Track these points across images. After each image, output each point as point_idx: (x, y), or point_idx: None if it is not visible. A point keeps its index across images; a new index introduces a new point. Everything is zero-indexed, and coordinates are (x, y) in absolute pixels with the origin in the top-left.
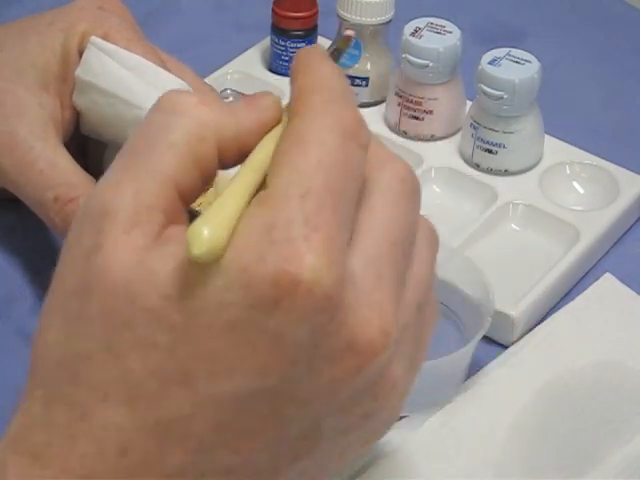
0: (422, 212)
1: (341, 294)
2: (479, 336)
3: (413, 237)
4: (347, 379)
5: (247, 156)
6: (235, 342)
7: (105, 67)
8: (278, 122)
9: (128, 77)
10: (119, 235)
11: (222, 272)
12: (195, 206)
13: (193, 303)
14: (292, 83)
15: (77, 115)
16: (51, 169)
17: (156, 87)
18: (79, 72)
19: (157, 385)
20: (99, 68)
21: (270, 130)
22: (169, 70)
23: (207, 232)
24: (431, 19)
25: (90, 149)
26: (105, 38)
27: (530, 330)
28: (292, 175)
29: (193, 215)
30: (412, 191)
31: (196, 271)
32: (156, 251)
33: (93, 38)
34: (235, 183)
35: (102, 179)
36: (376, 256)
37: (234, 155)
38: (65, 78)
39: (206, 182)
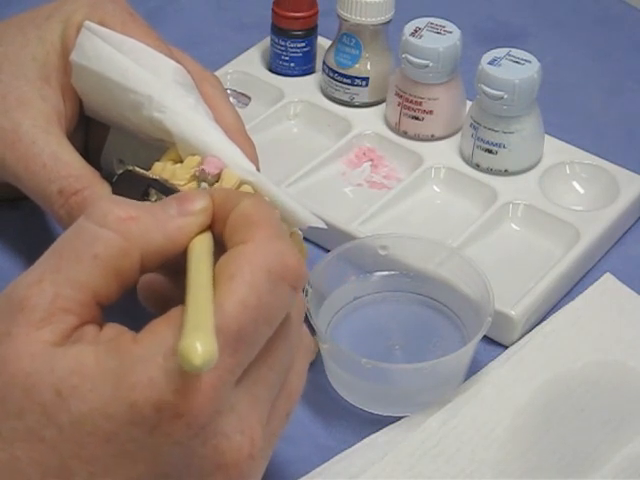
0: (422, 212)
1: (217, 425)
2: (479, 336)
3: (293, 358)
4: None
5: (170, 260)
6: (114, 451)
7: (99, 51)
8: (207, 226)
9: (122, 60)
10: (30, 329)
11: (112, 385)
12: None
13: (81, 407)
14: (240, 208)
15: (79, 107)
16: (55, 162)
17: (151, 70)
18: (74, 56)
19: (39, 477)
20: (93, 52)
21: (200, 232)
22: (170, 52)
23: (200, 346)
24: (431, 19)
25: (91, 139)
26: (101, 24)
27: (530, 330)
28: (215, 312)
29: (162, 186)
30: (301, 313)
31: (91, 377)
32: (61, 348)
33: (87, 22)
34: (195, 288)
35: (29, 271)
36: (255, 381)
37: (158, 264)
38: (66, 70)
39: (125, 288)
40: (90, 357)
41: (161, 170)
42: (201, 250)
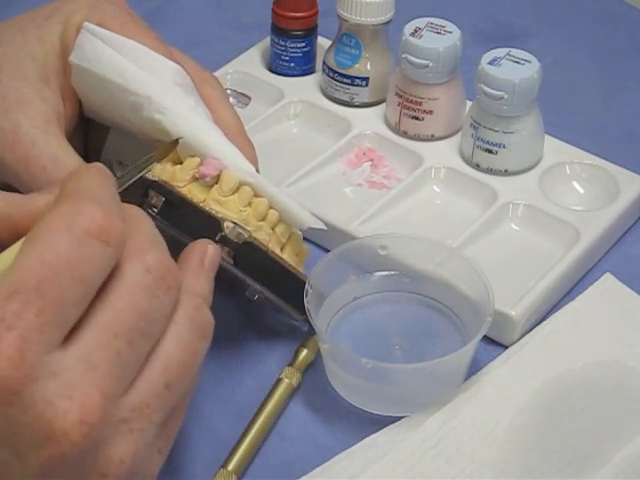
0: (422, 212)
1: (34, 391)
2: (479, 336)
3: (155, 323)
4: (54, 465)
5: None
6: None
7: (98, 52)
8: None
9: (122, 62)
10: None
11: None
12: (199, 202)
13: None
14: (64, 182)
15: (79, 108)
16: (55, 164)
17: (150, 71)
18: (73, 57)
19: None
20: (92, 53)
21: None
22: (169, 52)
23: None
24: (431, 19)
25: (91, 140)
26: (100, 25)
27: (530, 330)
28: (13, 272)
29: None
30: (156, 280)
31: None
32: None
33: (86, 24)
34: None
35: None
36: (92, 348)
37: (10, 237)
38: (65, 71)
39: None
40: None
41: (160, 172)
42: None
